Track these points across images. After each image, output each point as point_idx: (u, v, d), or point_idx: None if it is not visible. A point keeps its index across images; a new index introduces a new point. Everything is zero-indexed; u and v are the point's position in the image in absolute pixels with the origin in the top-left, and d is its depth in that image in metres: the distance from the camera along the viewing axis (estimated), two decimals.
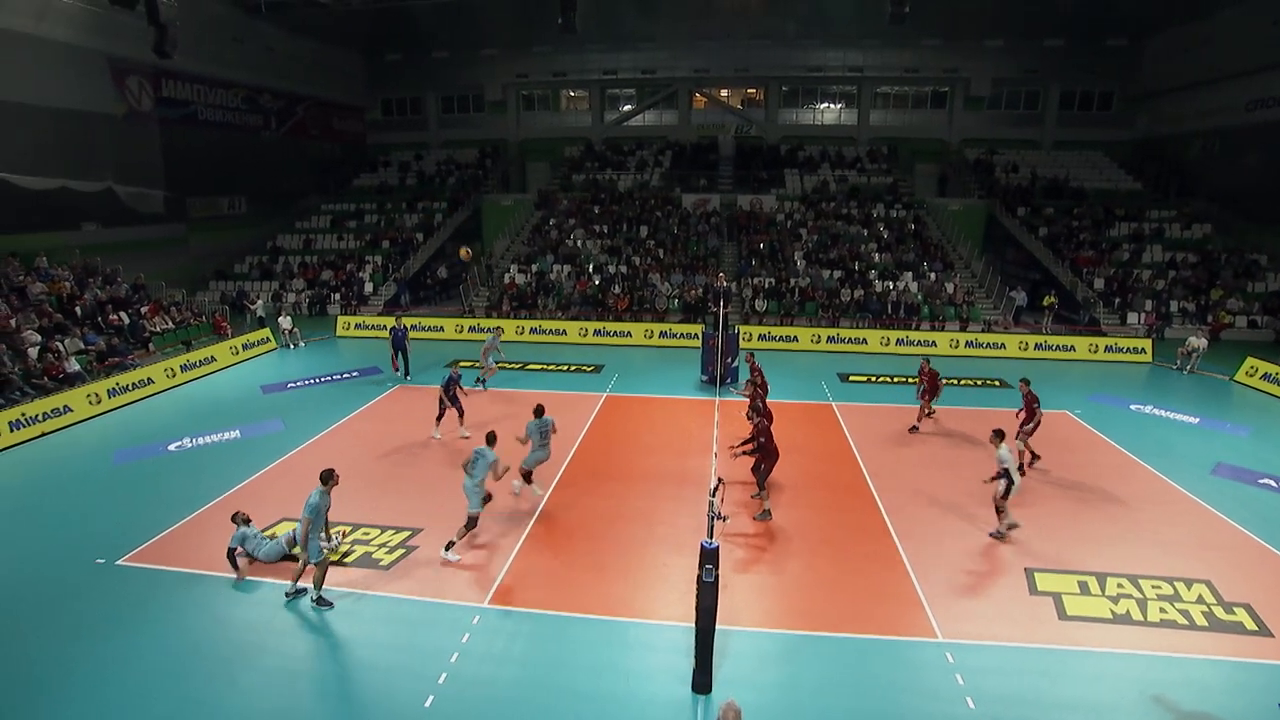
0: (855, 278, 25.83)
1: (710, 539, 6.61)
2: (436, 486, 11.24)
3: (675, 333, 22.77)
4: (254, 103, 30.67)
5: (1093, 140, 34.82)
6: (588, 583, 8.63)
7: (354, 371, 18.41)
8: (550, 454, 10.83)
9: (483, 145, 37.59)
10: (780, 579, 8.81)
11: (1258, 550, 9.57)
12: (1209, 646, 7.54)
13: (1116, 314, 24.49)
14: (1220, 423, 15.02)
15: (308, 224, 32.13)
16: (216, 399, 16.25)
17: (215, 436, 13.54)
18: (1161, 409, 15.87)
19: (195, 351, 18.71)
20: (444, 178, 35.19)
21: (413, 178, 35.46)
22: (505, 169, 38.23)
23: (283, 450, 12.61)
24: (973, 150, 35.09)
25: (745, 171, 34.11)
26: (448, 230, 31.47)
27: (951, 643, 7.53)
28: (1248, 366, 18.43)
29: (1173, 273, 25.99)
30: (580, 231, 29.43)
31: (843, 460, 12.76)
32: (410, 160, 36.85)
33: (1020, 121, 35.71)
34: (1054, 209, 30.02)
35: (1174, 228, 28.64)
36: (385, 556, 9.13)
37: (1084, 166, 33.43)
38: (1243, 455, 13.06)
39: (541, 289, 25.88)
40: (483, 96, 37.79)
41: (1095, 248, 27.49)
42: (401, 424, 14.30)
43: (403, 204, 32.69)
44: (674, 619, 7.86)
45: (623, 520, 10.26)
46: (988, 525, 10.07)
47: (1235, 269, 25.89)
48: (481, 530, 9.78)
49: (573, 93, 38.73)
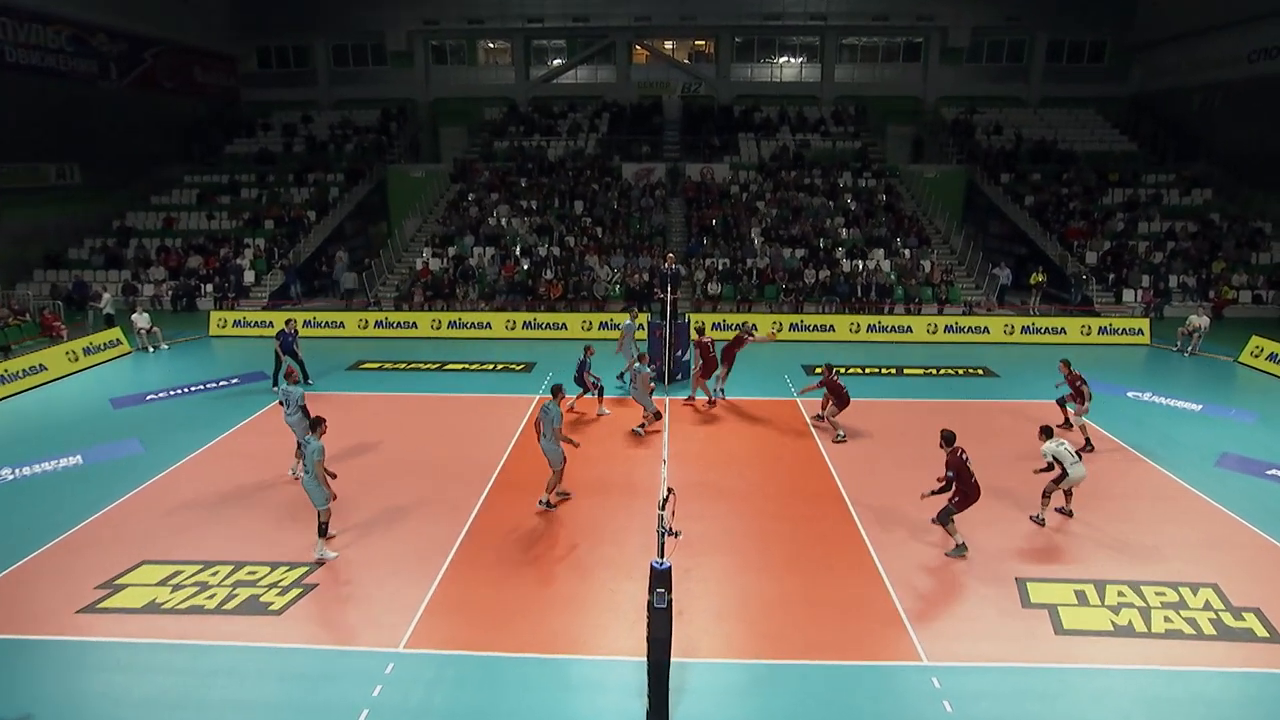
0: (820, 257, 26.33)
1: (661, 558, 6.58)
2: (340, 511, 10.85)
3: (617, 323, 22.58)
4: (84, 44, 28.81)
5: (1083, 97, 36.43)
6: (521, 616, 8.50)
7: (234, 378, 17.79)
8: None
9: (385, 105, 36.87)
10: (743, 601, 8.85)
11: (1266, 548, 10.10)
12: (1218, 657, 7.90)
13: (1111, 291, 25.65)
14: (1225, 409, 15.84)
15: (167, 199, 30.88)
16: (49, 417, 15.42)
17: (47, 464, 12.81)
18: (1161, 396, 16.67)
19: (18, 359, 17.64)
20: (339, 144, 34.37)
21: (300, 144, 34.51)
22: (414, 134, 37.62)
23: (141, 477, 12.05)
24: (950, 109, 36.22)
25: (694, 137, 34.39)
26: (346, 207, 30.77)
27: (937, 666, 7.69)
28: (1253, 346, 19.51)
29: (1171, 244, 27.38)
30: (505, 208, 29.16)
31: (810, 464, 12.94)
32: (296, 123, 35.86)
33: (1003, 76, 37.05)
34: (1041, 174, 31.28)
35: (1172, 194, 30.19)
36: (276, 599, 8.81)
37: (1074, 126, 34.91)
38: (1249, 444, 13.79)
39: (460, 276, 25.51)
40: (383, 47, 37.01)
41: (1087, 218, 28.73)
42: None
43: (289, 176, 31.84)
44: (623, 653, 7.82)
45: (561, 541, 10.19)
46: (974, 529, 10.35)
47: (1238, 238, 27.44)
48: (394, 560, 9.57)
49: (492, 44, 38.32)
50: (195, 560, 9.65)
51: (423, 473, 12.34)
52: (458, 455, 13.12)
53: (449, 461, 12.87)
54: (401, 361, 19.66)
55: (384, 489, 11.78)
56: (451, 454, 13.19)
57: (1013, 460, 13.03)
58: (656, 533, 6.74)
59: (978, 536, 10.23)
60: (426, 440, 13.92)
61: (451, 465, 12.68)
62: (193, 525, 10.69)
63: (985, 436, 14.16)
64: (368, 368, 19.16)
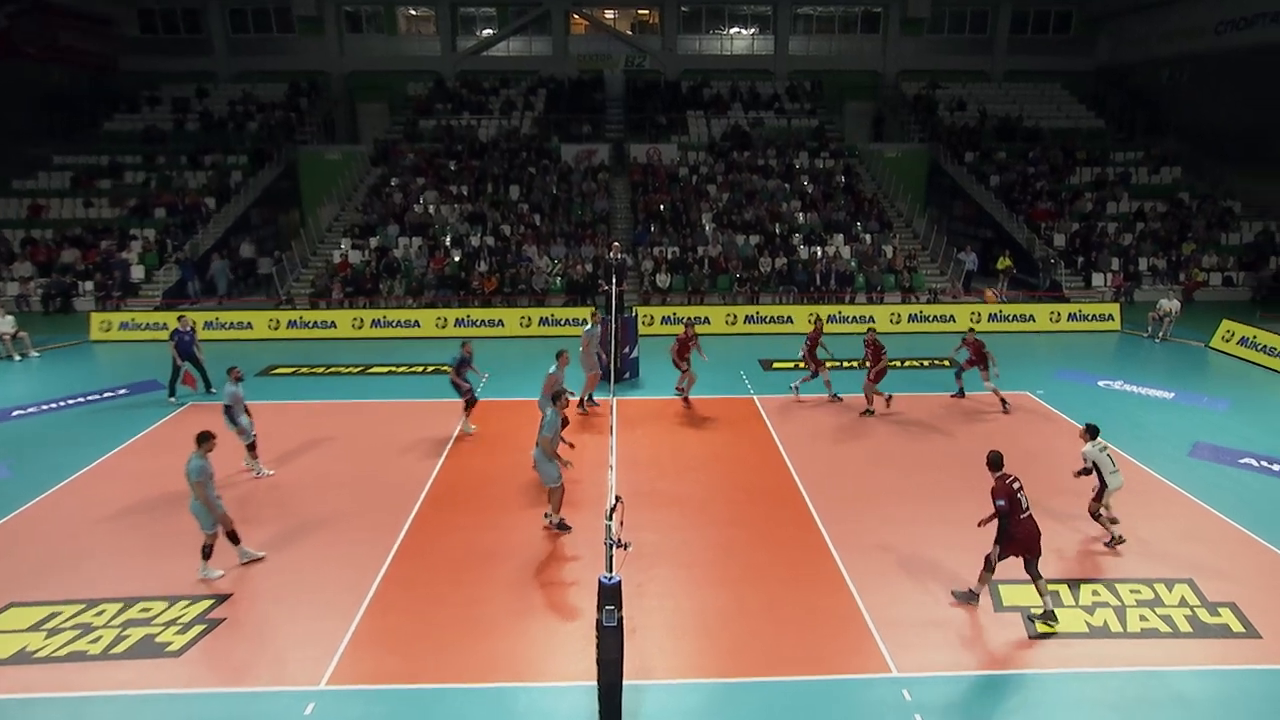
0: (776, 243, 26.70)
1: (610, 573, 6.58)
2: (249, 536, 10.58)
3: (559, 319, 22.72)
4: None
5: (1049, 70, 37.73)
6: (459, 642, 8.42)
7: (121, 389, 17.22)
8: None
9: (294, 79, 36.11)
10: (701, 616, 8.91)
11: (1240, 539, 10.62)
12: (1194, 655, 8.27)
13: (1080, 276, 26.60)
14: (1197, 396, 16.67)
15: (33, 183, 29.72)
16: None
17: None
18: (1133, 384, 17.42)
19: None
20: (241, 122, 33.52)
21: (195, 121, 33.52)
22: (328, 111, 36.99)
23: (8, 506, 11.54)
24: (911, 84, 37.08)
25: (639, 115, 34.53)
26: (252, 193, 30.06)
27: (908, 677, 7.86)
28: (1224, 331, 20.55)
29: (1140, 225, 28.52)
30: (432, 194, 28.86)
31: (770, 465, 13.12)
32: (189, 97, 34.79)
33: (966, 48, 38.10)
34: (1006, 153, 32.27)
35: (1141, 172, 31.49)
36: (175, 639, 8.50)
37: (1040, 101, 36.10)
38: (1222, 432, 14.49)
39: (385, 269, 25.13)
40: (289, 12, 36.12)
41: (1054, 198, 29.74)
42: None
43: (182, 157, 30.91)
44: (572, 677, 7.82)
45: (500, 557, 10.12)
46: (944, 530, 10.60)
47: (1208, 219, 28.74)
48: (313, 588, 9.39)
49: (414, 11, 37.82)
50: (76, 599, 9.22)
51: (345, 490, 12.12)
52: (385, 469, 12.93)
53: (375, 476, 12.66)
54: (319, 365, 19.29)
55: (301, 509, 11.52)
56: (378, 468, 13.00)
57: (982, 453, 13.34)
58: (604, 545, 6.73)
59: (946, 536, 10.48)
60: (349, 453, 13.67)
61: (378, 480, 12.48)
62: (72, 559, 10.25)
63: (954, 430, 14.64)
64: (280, 373, 18.75)
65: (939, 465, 13.11)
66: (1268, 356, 18.93)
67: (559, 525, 10.74)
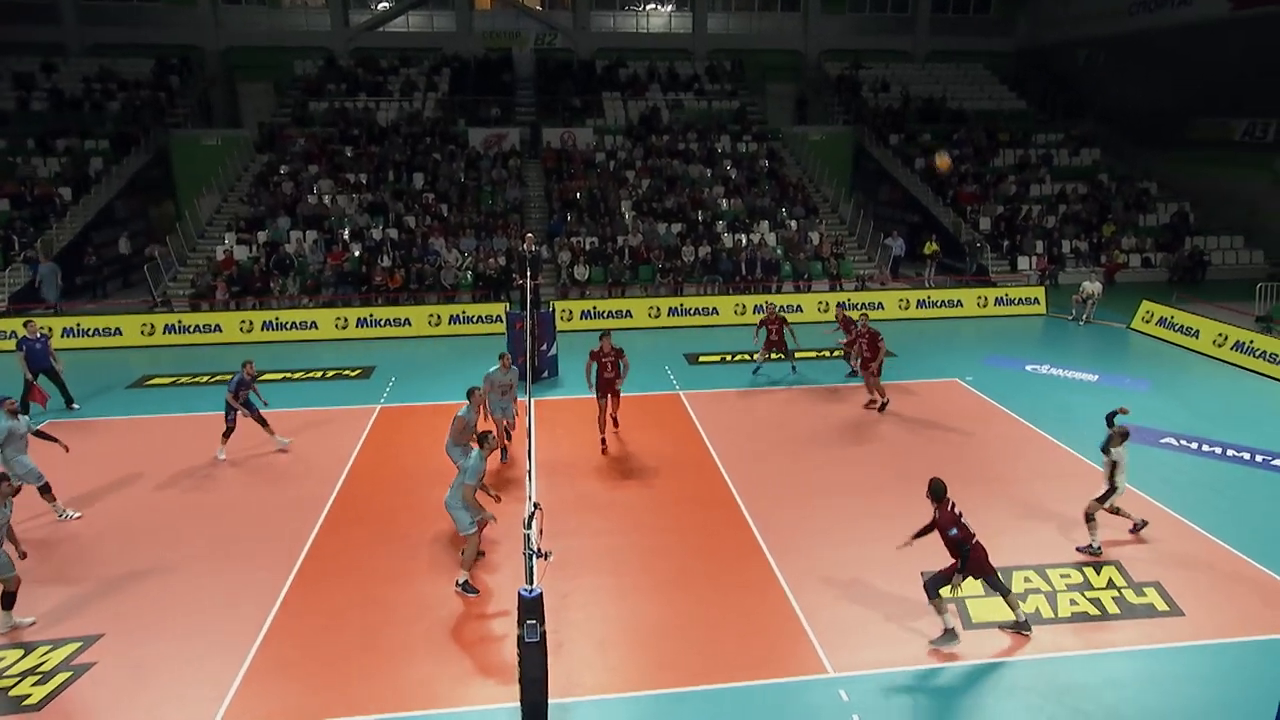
0: (699, 232, 27.03)
1: (531, 585, 6.59)
2: (122, 567, 10.20)
3: (470, 316, 22.54)
4: None
5: (971, 50, 39.24)
6: (369, 670, 8.29)
7: None
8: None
9: (161, 53, 34.49)
10: (630, 626, 9.00)
11: (1162, 519, 11.29)
12: (1124, 637, 8.79)
13: (1006, 259, 27.73)
14: (1119, 378, 17.71)
15: None
16: None
17: None
18: (1059, 368, 18.36)
19: None
20: (100, 102, 31.87)
21: (42, 100, 31.66)
22: (203, 91, 35.69)
23: None
24: (834, 65, 38.01)
25: (551, 96, 34.40)
26: (115, 182, 28.66)
27: (845, 676, 8.11)
28: (1144, 312, 21.86)
29: (1063, 207, 29.96)
30: (327, 183, 28.22)
31: (697, 464, 13.31)
32: (34, 72, 32.74)
33: (889, 27, 39.27)
34: (931, 134, 33.34)
35: (1062, 154, 33.06)
36: (34, 691, 7.99)
37: (962, 82, 37.49)
38: (1143, 413, 15.28)
39: (276, 266, 24.43)
40: None
41: (979, 181, 30.92)
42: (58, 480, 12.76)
43: (29, 141, 29.24)
44: (494, 700, 7.78)
45: (409, 575, 10.01)
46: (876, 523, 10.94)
47: (1126, 200, 30.37)
48: (199, 622, 9.07)
49: None
50: None
51: (236, 511, 11.76)
52: (281, 485, 12.62)
53: (269, 494, 12.32)
54: (202, 375, 18.58)
55: (184, 534, 11.10)
56: (273, 484, 12.68)
57: (912, 442, 13.96)
58: (523, 555, 6.73)
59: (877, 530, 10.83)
60: (240, 470, 13.27)
61: (272, 499, 12.15)
62: None
63: (884, 419, 15.11)
64: (157, 384, 18.05)
65: (867, 458, 13.54)
66: (1184, 336, 20.22)
67: (465, 587, 9.57)
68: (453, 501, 9.49)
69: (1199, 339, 19.86)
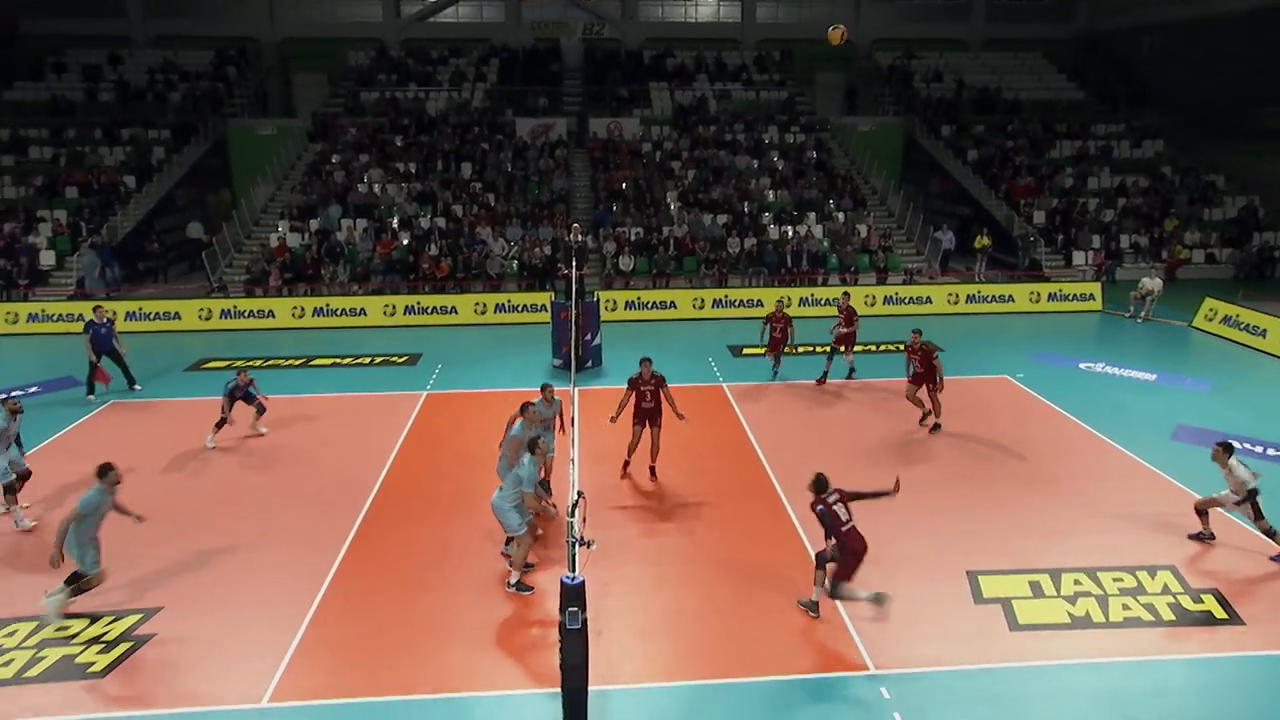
0: (745, 223, 26.83)
1: (573, 573, 6.61)
2: (182, 544, 10.50)
3: (516, 305, 22.71)
4: None
5: (1028, 39, 38.22)
6: (413, 651, 8.39)
7: (31, 387, 16.81)
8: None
9: (221, 45, 35.30)
10: (671, 616, 8.99)
11: (1223, 524, 10.88)
12: (1178, 644, 8.51)
13: (1060, 254, 27.10)
14: (1179, 378, 17.11)
15: None
16: None
17: None
18: (1114, 366, 17.83)
19: None
20: (162, 93, 32.71)
21: (109, 91, 32.63)
22: (260, 81, 36.37)
23: None
24: (886, 54, 37.35)
25: (598, 86, 34.40)
26: (176, 170, 29.38)
27: (886, 674, 7.99)
28: (1206, 309, 21.09)
29: (1122, 201, 29.11)
30: (377, 172, 28.56)
31: (741, 457, 13.24)
32: (102, 64, 33.80)
33: (942, 15, 38.44)
34: (985, 126, 32.66)
35: (1122, 145, 32.09)
36: (99, 659, 8.30)
37: (1019, 72, 36.59)
38: (1204, 414, 14.89)
39: (327, 254, 24.85)
40: None
41: (1034, 173, 30.21)
42: (123, 457, 13.08)
43: (96, 131, 30.12)
44: (535, 684, 7.82)
45: (454, 559, 10.11)
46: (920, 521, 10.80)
47: (1190, 193, 29.40)
48: (253, 599, 9.28)
49: None
50: None
51: (287, 492, 12.00)
52: (329, 469, 12.81)
53: (319, 477, 12.54)
54: (256, 358, 18.93)
55: (238, 513, 11.39)
56: (322, 467, 12.88)
57: (961, 439, 13.72)
58: (566, 544, 6.76)
59: (923, 527, 10.70)
60: (290, 452, 13.54)
61: (322, 481, 12.36)
62: None
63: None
64: (213, 367, 18.47)
65: (913, 455, 13.34)
66: (1251, 336, 19.47)
67: (518, 586, 9.46)
68: (502, 504, 9.31)
69: (1266, 338, 19.09)
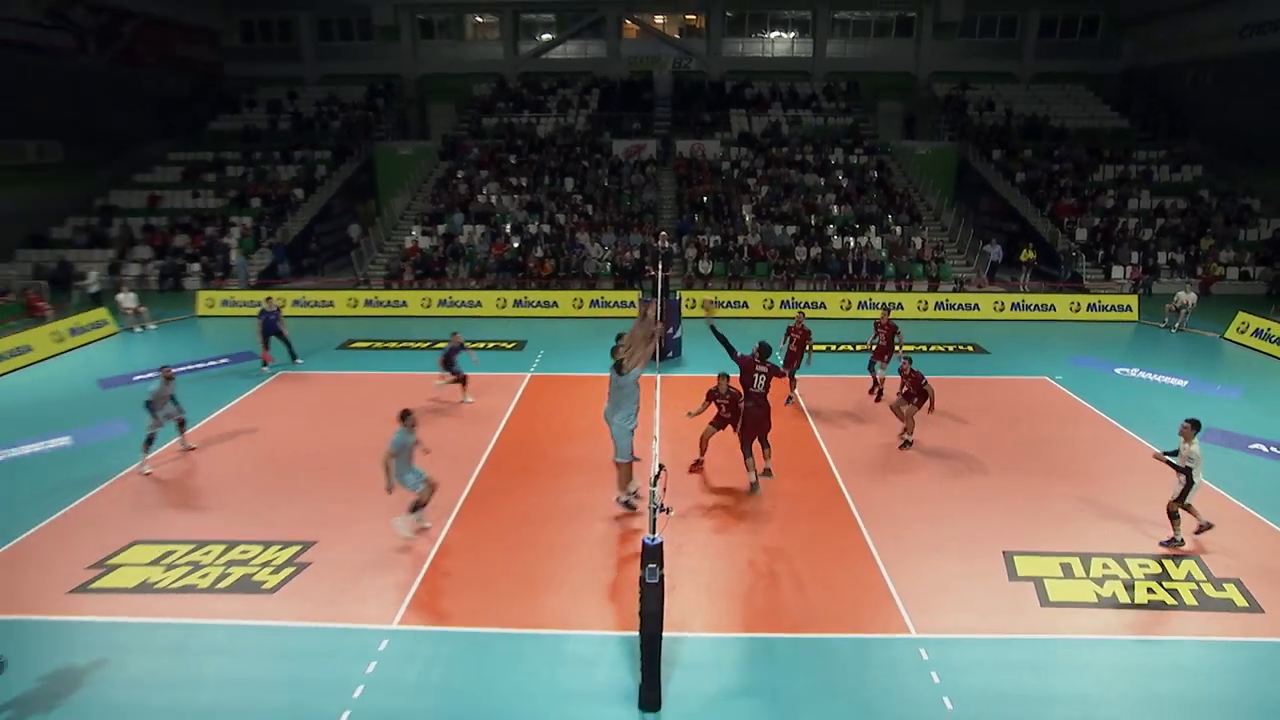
0: (811, 234, 26.31)
1: (653, 534, 6.65)
2: (332, 491, 10.97)
3: (608, 300, 22.77)
4: (61, 17, 28.31)
5: (1075, 72, 36.31)
6: (514, 592, 8.58)
7: (223, 358, 17.73)
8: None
9: (372, 81, 36.48)
10: (734, 576, 8.96)
11: (1247, 520, 10.29)
12: (1199, 627, 8.08)
13: (1100, 268, 25.76)
14: (1210, 385, 16.07)
15: (150, 176, 30.52)
16: (36, 398, 15.33)
17: (36, 445, 12.75)
18: (1148, 372, 16.86)
19: (2, 340, 17.50)
20: (326, 121, 34.03)
21: (286, 120, 34.15)
22: (402, 110, 37.26)
23: (131, 458, 11.97)
24: (943, 85, 36.06)
25: (684, 113, 34.17)
26: (334, 185, 30.50)
27: (926, 638, 7.82)
28: (1239, 322, 19.73)
29: (1160, 221, 27.46)
30: (494, 185, 28.99)
31: (801, 441, 13.04)
32: (282, 99, 35.44)
33: (995, 52, 36.85)
34: (1032, 151, 31.23)
35: (1162, 170, 30.21)
36: (269, 578, 8.84)
37: (1065, 102, 34.83)
38: (1233, 419, 13.96)
39: (450, 254, 25.40)
40: (369, 21, 36.50)
41: (1077, 194, 28.75)
42: (286, 419, 13.85)
43: (275, 153, 31.51)
44: (616, 628, 7.92)
45: (553, 517, 10.25)
46: (962, 503, 10.48)
47: (1227, 215, 27.55)
48: (387, 539, 9.63)
49: (480, 18, 37.81)
50: (187, 540, 9.67)
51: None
52: (449, 434, 13.08)
53: (440, 441, 12.73)
54: (392, 340, 19.62)
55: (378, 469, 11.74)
56: (443, 433, 13.14)
57: (1002, 433, 13.21)
58: (648, 508, 6.80)
59: (965, 510, 10.38)
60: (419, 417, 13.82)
61: (443, 444, 12.56)
62: (185, 506, 10.72)
63: (975, 411, 14.35)
64: (357, 347, 19.12)
65: (958, 444, 12.88)
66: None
67: (626, 504, 10.30)
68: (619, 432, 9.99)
69: None
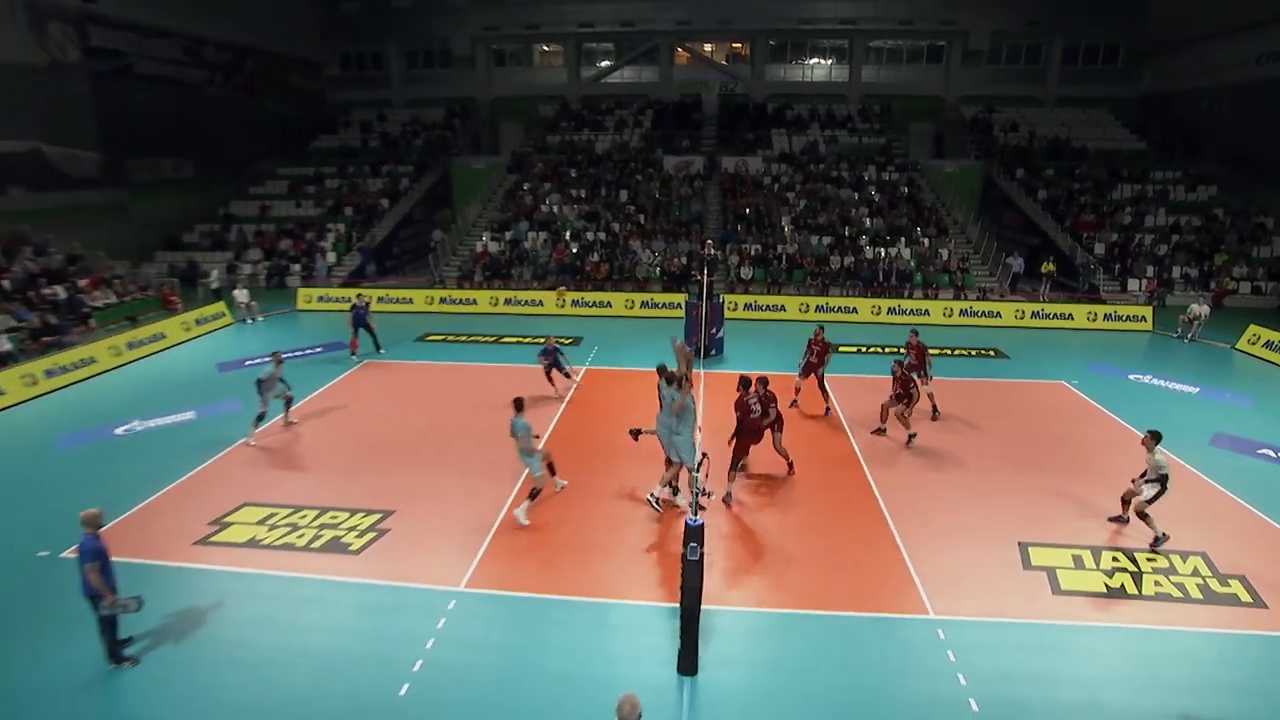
0: (845, 244, 25.91)
1: (695, 516, 6.69)
2: (409, 466, 11.26)
3: (657, 302, 22.78)
4: (196, 55, 29.82)
5: (1096, 97, 34.97)
6: (568, 564, 8.70)
7: (318, 347, 18.25)
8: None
9: (450, 104, 37.00)
10: (767, 556, 8.94)
11: (1253, 521, 9.88)
12: (1203, 619, 7.80)
13: (1117, 281, 24.83)
14: (1220, 392, 15.40)
15: (263, 189, 31.46)
16: (168, 378, 16.02)
17: (168, 419, 13.37)
18: (1161, 379, 16.22)
19: (142, 328, 18.37)
20: (409, 139, 34.63)
21: (376, 139, 34.85)
22: (475, 130, 37.70)
23: (243, 431, 12.44)
24: (970, 108, 35.10)
25: (730, 132, 33.87)
26: (415, 195, 31.06)
27: (943, 619, 7.71)
28: (1250, 334, 18.85)
29: (1176, 237, 26.34)
30: (556, 196, 29.17)
31: (832, 435, 12.91)
32: (373, 120, 36.18)
33: (1020, 77, 35.72)
34: (1054, 170, 30.23)
35: (1178, 190, 28.94)
36: (355, 541, 9.15)
37: (1086, 125, 33.60)
38: (1242, 425, 13.39)
39: (516, 257, 25.68)
40: (450, 51, 37.08)
41: (1096, 211, 27.75)
42: (371, 402, 14.24)
43: (365, 167, 32.19)
44: (658, 599, 7.98)
45: (604, 499, 10.34)
46: (981, 497, 10.27)
47: (1240, 233, 26.30)
48: (457, 511, 9.84)
49: (547, 47, 38.06)
50: (288, 504, 10.04)
51: (481, 435, 12.46)
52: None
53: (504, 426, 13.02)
54: (463, 334, 19.97)
55: (448, 448, 12.06)
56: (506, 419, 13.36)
57: (1020, 433, 12.89)
58: (691, 493, 6.84)
59: (983, 503, 10.18)
60: (485, 406, 14.03)
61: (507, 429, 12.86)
62: (285, 474, 11.13)
63: (996, 412, 14.02)
64: (433, 339, 19.48)
65: (978, 442, 12.63)
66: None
67: (653, 500, 9.85)
68: (684, 440, 9.50)
69: None
